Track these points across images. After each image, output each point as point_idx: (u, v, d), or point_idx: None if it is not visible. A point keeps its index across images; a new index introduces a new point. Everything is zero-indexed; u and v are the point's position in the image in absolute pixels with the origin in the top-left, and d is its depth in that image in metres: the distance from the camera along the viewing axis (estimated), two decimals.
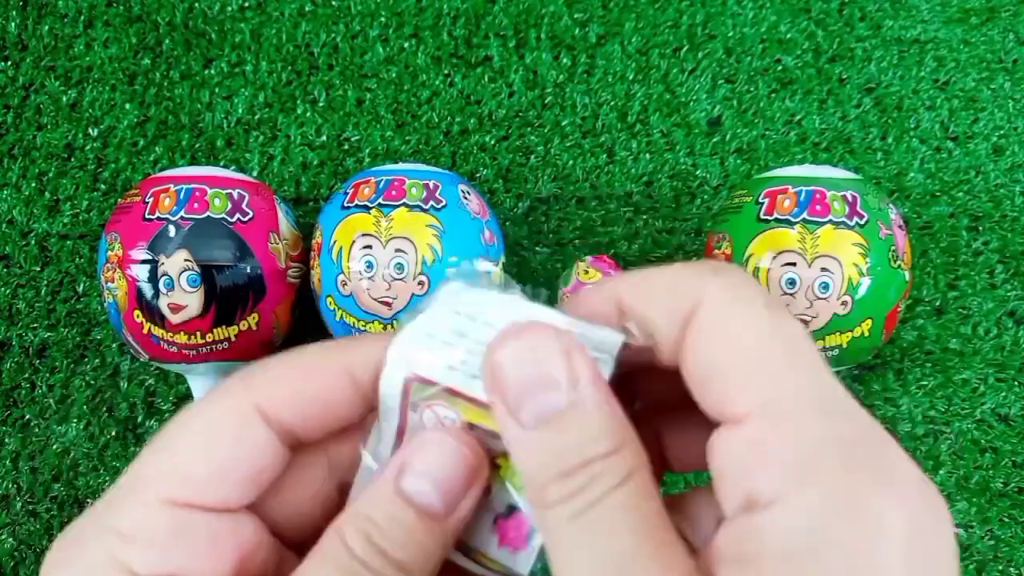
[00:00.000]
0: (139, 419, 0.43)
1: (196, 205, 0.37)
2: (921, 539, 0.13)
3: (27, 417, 0.43)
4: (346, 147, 0.47)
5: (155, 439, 0.17)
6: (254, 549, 0.17)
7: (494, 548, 0.18)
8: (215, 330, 0.37)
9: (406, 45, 0.49)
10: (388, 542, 0.16)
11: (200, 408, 0.17)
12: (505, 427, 0.16)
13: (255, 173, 0.47)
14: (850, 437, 0.14)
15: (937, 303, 0.46)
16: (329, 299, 0.38)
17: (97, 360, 0.44)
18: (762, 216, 0.37)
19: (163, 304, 0.36)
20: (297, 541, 0.20)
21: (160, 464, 0.17)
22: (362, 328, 0.37)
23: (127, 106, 0.47)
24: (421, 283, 0.36)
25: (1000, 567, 0.44)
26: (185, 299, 0.36)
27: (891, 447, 0.14)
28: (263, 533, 0.18)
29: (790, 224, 0.36)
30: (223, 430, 0.17)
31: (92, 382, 0.44)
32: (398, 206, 0.37)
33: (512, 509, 0.18)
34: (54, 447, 0.43)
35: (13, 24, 0.48)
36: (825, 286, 0.35)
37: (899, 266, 0.37)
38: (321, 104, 0.48)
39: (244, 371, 0.17)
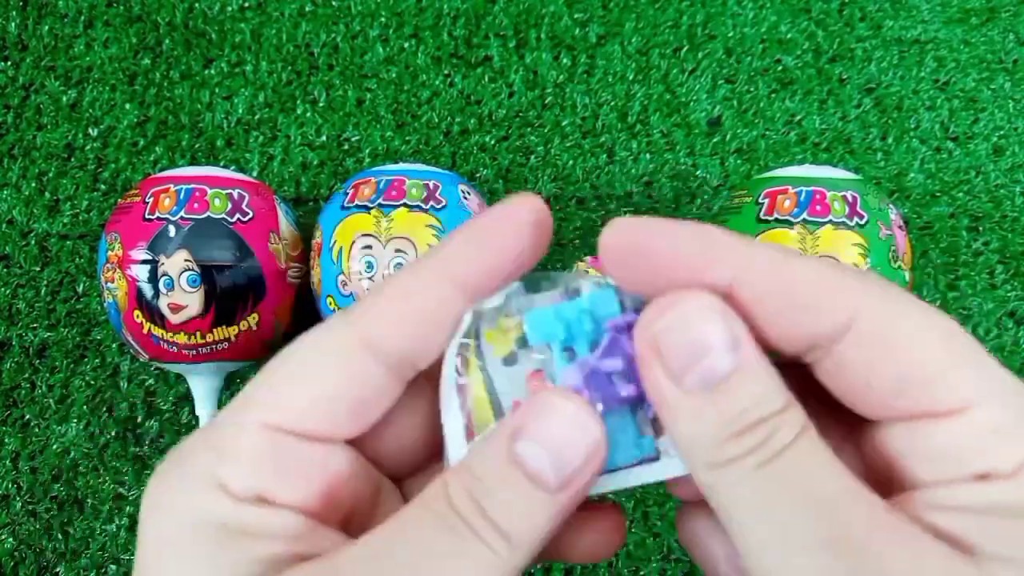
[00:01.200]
0: (139, 419, 0.43)
1: (196, 205, 0.37)
2: None
3: (27, 417, 0.43)
4: (346, 147, 0.47)
5: (263, 370, 0.17)
6: (347, 479, 0.17)
7: None
8: (215, 330, 0.37)
9: (406, 45, 0.49)
10: (491, 504, 0.16)
11: (304, 342, 0.17)
12: (666, 395, 0.16)
13: (255, 173, 0.47)
14: None
15: (937, 303, 0.46)
16: (329, 299, 0.38)
17: (97, 360, 0.44)
18: (762, 216, 0.37)
19: (163, 304, 0.36)
20: (402, 473, 0.20)
21: (262, 392, 0.17)
22: None
23: (127, 106, 0.47)
24: None
25: None
26: (185, 299, 0.36)
27: None
28: (360, 464, 0.18)
29: (790, 224, 0.36)
30: (326, 363, 0.17)
31: (92, 382, 0.44)
32: (398, 206, 0.37)
33: None
34: (54, 447, 0.43)
35: (13, 24, 0.48)
36: None
37: (899, 266, 0.37)
38: (321, 104, 0.48)
39: (345, 308, 0.18)
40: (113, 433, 0.43)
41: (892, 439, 0.16)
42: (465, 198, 0.39)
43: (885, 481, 0.17)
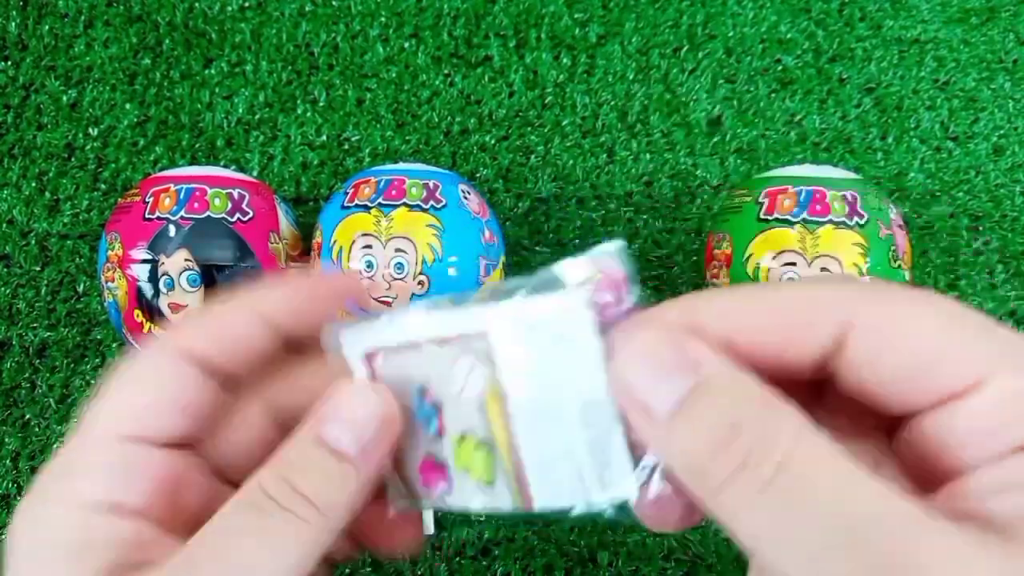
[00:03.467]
0: None
1: (196, 205, 0.37)
2: None
3: (27, 417, 0.43)
4: (346, 147, 0.47)
5: (104, 386, 0.19)
6: (191, 484, 0.19)
7: (417, 483, 0.20)
8: None
9: (406, 45, 0.49)
10: (301, 480, 0.18)
11: (131, 358, 0.19)
12: (647, 433, 0.16)
13: (255, 173, 0.47)
14: None
15: None
16: None
17: (97, 360, 0.44)
18: (762, 216, 0.37)
19: (163, 304, 0.36)
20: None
21: (105, 405, 0.19)
22: None
23: (127, 106, 0.47)
24: (421, 283, 0.36)
25: None
26: (185, 299, 0.36)
27: None
28: (203, 472, 0.20)
29: (790, 224, 0.36)
30: (151, 369, 0.19)
31: (92, 382, 0.44)
32: (398, 206, 0.37)
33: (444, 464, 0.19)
34: (54, 447, 0.43)
35: (13, 24, 0.48)
36: None
37: (899, 266, 0.37)
38: (321, 104, 0.48)
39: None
40: None
41: (928, 433, 0.16)
42: (465, 198, 0.39)
43: (932, 478, 0.16)
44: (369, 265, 0.37)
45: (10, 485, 0.42)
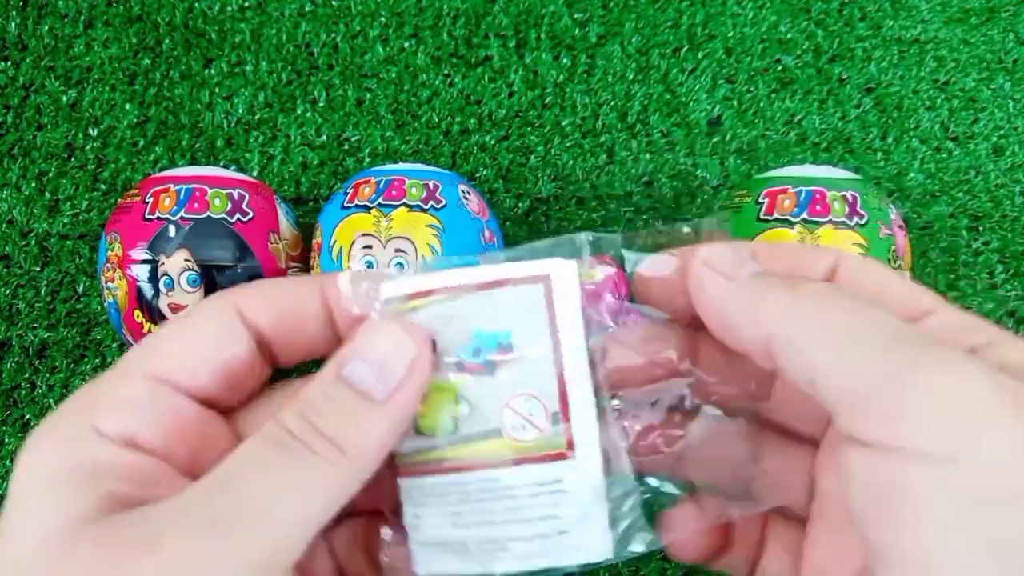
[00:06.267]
0: None
1: (196, 205, 0.37)
2: None
3: (27, 417, 0.43)
4: (346, 147, 0.47)
5: (155, 330, 0.19)
6: (216, 443, 0.19)
7: None
8: None
9: (406, 45, 0.49)
10: (323, 421, 0.17)
11: (188, 308, 0.20)
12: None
13: (255, 173, 0.47)
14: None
15: None
16: None
17: (97, 360, 0.44)
18: (762, 216, 0.37)
19: (163, 304, 0.36)
20: None
21: (144, 348, 0.18)
22: None
23: (127, 106, 0.47)
24: None
25: None
26: (185, 299, 0.36)
27: None
28: (230, 438, 0.19)
29: (790, 224, 0.36)
30: (202, 321, 0.19)
31: None
32: (398, 206, 0.37)
33: None
34: None
35: (13, 24, 0.48)
36: None
37: (899, 266, 0.37)
38: (321, 104, 0.48)
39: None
40: None
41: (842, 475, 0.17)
42: (465, 198, 0.39)
43: None
44: (369, 265, 0.37)
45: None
